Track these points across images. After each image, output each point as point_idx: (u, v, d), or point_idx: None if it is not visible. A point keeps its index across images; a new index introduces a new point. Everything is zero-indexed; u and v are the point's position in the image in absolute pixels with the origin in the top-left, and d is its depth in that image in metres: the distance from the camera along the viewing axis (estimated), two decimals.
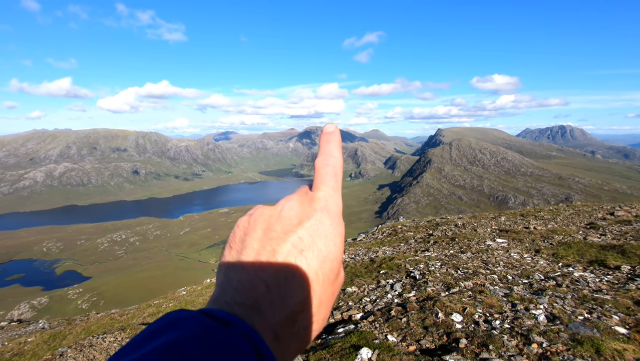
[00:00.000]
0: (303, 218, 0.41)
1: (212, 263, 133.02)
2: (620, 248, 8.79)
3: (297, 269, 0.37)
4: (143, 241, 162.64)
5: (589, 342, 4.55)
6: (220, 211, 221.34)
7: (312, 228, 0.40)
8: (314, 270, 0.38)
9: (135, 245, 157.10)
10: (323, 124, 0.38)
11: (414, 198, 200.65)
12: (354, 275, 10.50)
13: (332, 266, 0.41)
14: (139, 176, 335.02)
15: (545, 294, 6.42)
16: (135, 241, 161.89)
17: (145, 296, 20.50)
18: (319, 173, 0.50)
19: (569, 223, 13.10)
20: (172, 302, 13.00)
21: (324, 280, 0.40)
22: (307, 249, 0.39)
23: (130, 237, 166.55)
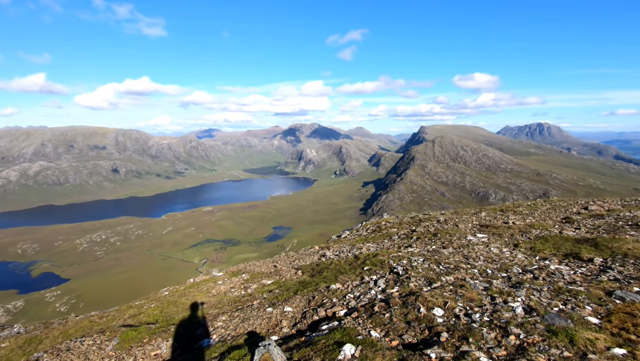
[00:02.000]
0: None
1: (196, 263, 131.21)
2: (593, 241, 9.12)
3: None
4: (124, 241, 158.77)
5: (563, 333, 4.71)
6: (204, 209, 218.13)
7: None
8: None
9: (115, 245, 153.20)
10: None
11: (398, 195, 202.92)
12: (338, 272, 10.54)
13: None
14: (119, 175, 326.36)
15: (522, 287, 6.60)
16: (116, 242, 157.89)
17: (127, 297, 20.00)
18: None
19: (546, 217, 13.51)
20: (154, 303, 12.74)
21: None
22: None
23: (111, 237, 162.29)
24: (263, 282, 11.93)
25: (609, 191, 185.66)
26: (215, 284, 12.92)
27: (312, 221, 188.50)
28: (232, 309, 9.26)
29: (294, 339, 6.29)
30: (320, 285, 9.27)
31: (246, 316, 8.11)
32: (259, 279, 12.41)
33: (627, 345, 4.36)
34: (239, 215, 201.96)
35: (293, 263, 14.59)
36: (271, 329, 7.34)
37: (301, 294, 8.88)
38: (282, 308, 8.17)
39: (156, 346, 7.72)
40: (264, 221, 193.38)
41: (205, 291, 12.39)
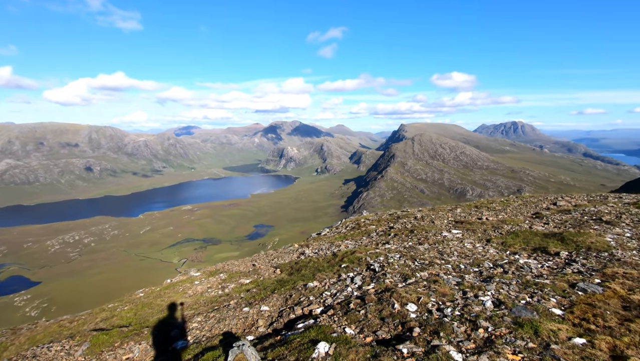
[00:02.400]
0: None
1: (175, 262, 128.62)
2: (560, 235, 9.50)
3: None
4: (99, 242, 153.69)
5: (528, 324, 4.89)
6: (183, 208, 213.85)
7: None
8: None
9: (90, 246, 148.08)
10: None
11: (379, 192, 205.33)
12: (316, 270, 10.56)
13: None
14: (92, 173, 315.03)
15: (493, 281, 6.81)
16: (91, 242, 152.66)
17: (103, 299, 19.42)
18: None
19: (517, 213, 13.98)
20: (127, 305, 12.39)
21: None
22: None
23: (85, 238, 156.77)
24: (241, 281, 11.81)
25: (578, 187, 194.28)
26: (192, 284, 12.70)
27: (293, 219, 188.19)
28: (208, 309, 9.12)
29: (269, 338, 6.26)
30: (298, 283, 9.26)
31: (222, 317, 8.00)
32: (237, 279, 12.28)
33: (586, 335, 4.57)
34: (219, 214, 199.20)
35: (272, 261, 14.52)
36: (247, 329, 7.28)
37: (278, 293, 8.84)
38: (259, 307, 8.11)
39: (128, 349, 7.52)
40: (245, 219, 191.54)
41: (181, 291, 12.15)
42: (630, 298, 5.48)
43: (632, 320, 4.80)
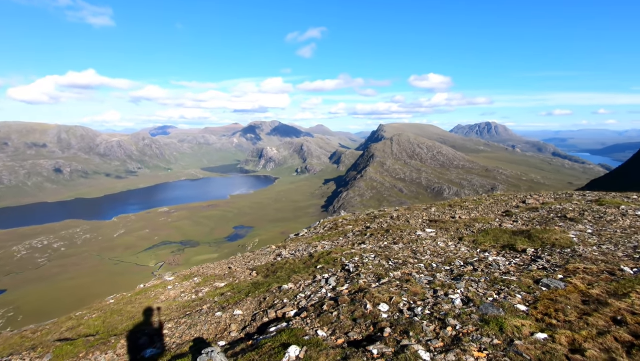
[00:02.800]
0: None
1: (152, 266, 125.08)
2: (527, 232, 9.84)
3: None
4: (70, 246, 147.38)
5: (494, 321, 5.01)
6: (160, 210, 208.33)
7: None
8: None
9: (60, 251, 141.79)
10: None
11: (359, 191, 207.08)
12: (292, 271, 10.49)
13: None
14: (62, 175, 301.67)
15: (462, 279, 6.95)
16: (61, 247, 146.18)
17: (75, 306, 18.53)
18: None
19: (488, 211, 14.39)
20: (96, 312, 11.89)
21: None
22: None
23: (54, 242, 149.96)
24: (216, 285, 11.58)
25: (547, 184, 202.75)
26: (165, 289, 12.35)
27: (273, 220, 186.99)
28: (179, 315, 8.88)
29: (241, 343, 6.14)
30: (273, 286, 9.16)
31: (194, 322, 7.81)
32: (211, 282, 12.03)
33: (548, 330, 4.72)
34: (197, 215, 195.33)
35: (248, 263, 14.33)
36: (219, 334, 7.13)
37: (252, 296, 8.72)
38: (232, 311, 7.96)
39: (93, 360, 7.20)
40: (224, 220, 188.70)
41: (153, 297, 11.79)
42: (589, 293, 5.72)
43: (590, 314, 5.01)
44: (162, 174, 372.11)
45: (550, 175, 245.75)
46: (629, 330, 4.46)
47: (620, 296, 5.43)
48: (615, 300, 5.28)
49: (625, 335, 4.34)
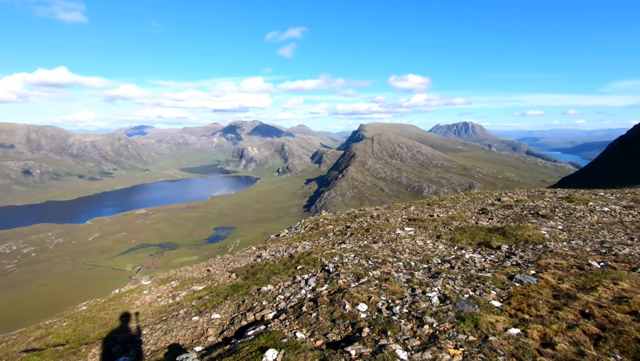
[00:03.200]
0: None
1: (129, 270, 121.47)
2: (502, 229, 10.10)
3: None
4: (41, 252, 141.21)
5: (470, 318, 5.09)
6: (137, 212, 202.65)
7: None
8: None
9: (30, 257, 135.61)
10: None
11: (340, 191, 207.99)
12: (271, 273, 10.38)
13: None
14: (32, 177, 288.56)
15: (440, 277, 7.05)
16: (31, 252, 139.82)
17: (46, 314, 17.63)
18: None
19: (466, 209, 14.70)
20: (67, 320, 11.38)
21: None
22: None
23: (24, 247, 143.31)
24: (194, 288, 11.32)
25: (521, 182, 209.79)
26: (141, 294, 11.97)
27: (255, 220, 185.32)
28: (155, 321, 8.61)
29: (218, 348, 6.00)
30: (252, 288, 9.03)
31: (169, 328, 7.58)
32: (189, 286, 11.75)
33: (521, 325, 4.84)
34: (176, 217, 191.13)
35: (228, 265, 14.09)
36: (196, 339, 6.95)
37: (231, 299, 8.56)
38: (210, 315, 7.79)
39: None
40: (205, 221, 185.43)
41: (128, 302, 11.41)
42: (560, 287, 5.90)
43: (561, 308, 5.17)
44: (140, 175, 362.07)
45: (524, 173, 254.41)
46: (596, 323, 4.62)
47: (588, 290, 5.63)
48: (584, 294, 5.46)
49: (593, 328, 4.49)
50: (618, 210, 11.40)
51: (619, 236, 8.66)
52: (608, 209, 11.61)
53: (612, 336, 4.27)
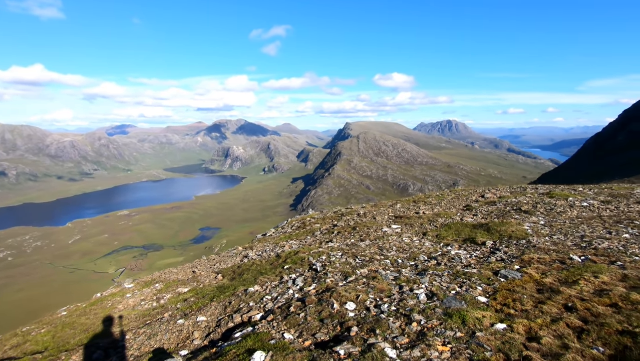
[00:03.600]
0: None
1: (112, 273, 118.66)
2: (486, 225, 10.25)
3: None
4: (18, 255, 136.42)
5: (457, 314, 5.13)
6: (119, 213, 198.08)
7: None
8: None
9: (6, 261, 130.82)
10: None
11: (327, 189, 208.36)
12: (258, 273, 10.26)
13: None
14: (7, 178, 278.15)
15: (427, 274, 7.09)
16: (7, 256, 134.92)
17: (24, 320, 16.96)
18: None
19: (450, 206, 14.89)
20: (45, 327, 10.99)
21: None
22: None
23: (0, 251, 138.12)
24: (179, 290, 11.09)
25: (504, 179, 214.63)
26: (124, 298, 11.66)
27: (241, 220, 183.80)
28: (138, 325, 8.39)
29: (204, 351, 5.87)
30: (239, 289, 8.90)
31: (153, 332, 7.39)
32: (174, 288, 11.51)
33: (507, 320, 4.89)
34: (161, 217, 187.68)
35: (214, 266, 13.88)
36: (181, 343, 6.79)
37: (217, 301, 8.41)
38: (196, 318, 7.63)
39: None
40: (190, 222, 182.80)
41: (110, 307, 11.09)
42: (543, 282, 6.01)
43: (545, 302, 5.26)
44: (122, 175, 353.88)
45: (506, 170, 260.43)
46: (579, 316, 4.72)
47: (570, 283, 5.76)
48: (566, 288, 5.58)
49: (576, 321, 4.58)
50: (596, 205, 11.74)
51: (598, 230, 8.90)
52: (587, 204, 11.94)
53: (595, 328, 4.36)
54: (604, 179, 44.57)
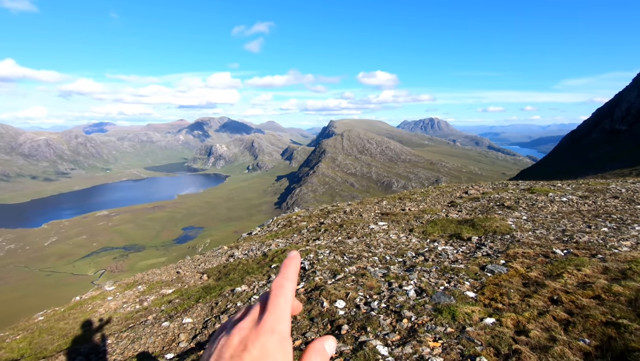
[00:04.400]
0: (247, 343, 0.51)
1: (91, 275, 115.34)
2: (471, 221, 10.41)
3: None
4: None
5: (447, 310, 5.16)
6: (98, 214, 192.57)
7: (255, 350, 0.49)
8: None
9: None
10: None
11: (312, 187, 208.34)
12: (245, 273, 10.11)
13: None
14: None
15: (415, 270, 7.12)
16: None
17: (0, 325, 16.22)
18: (272, 295, 0.58)
19: (435, 202, 15.07)
20: (21, 333, 10.51)
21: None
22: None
23: None
24: (162, 292, 10.82)
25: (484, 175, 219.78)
26: (104, 300, 11.30)
27: (226, 219, 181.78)
28: (121, 328, 8.12)
29: (191, 354, 5.73)
30: (225, 289, 8.74)
31: (137, 335, 7.16)
32: (157, 290, 11.23)
33: (495, 314, 4.95)
34: (142, 217, 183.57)
35: (199, 267, 13.61)
36: (167, 346, 6.60)
37: (203, 302, 8.23)
38: (181, 319, 7.44)
39: None
40: (173, 222, 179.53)
41: (90, 310, 10.72)
42: (528, 275, 6.12)
43: (531, 296, 5.35)
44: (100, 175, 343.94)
45: (486, 167, 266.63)
46: (564, 308, 4.82)
47: (555, 277, 5.88)
48: (551, 281, 5.69)
49: (562, 314, 4.67)
50: (575, 200, 12.09)
51: (578, 225, 9.16)
52: (566, 199, 12.29)
53: (580, 320, 4.46)
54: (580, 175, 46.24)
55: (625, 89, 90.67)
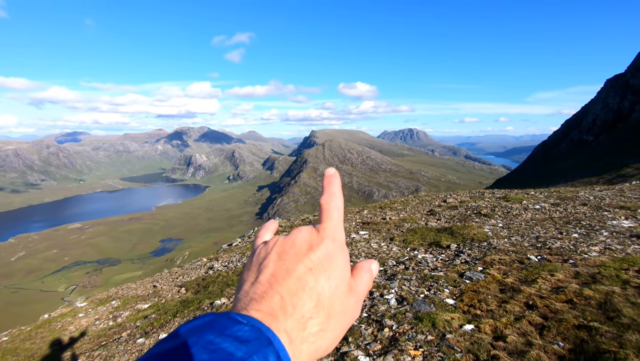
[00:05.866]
0: (312, 244, 0.51)
1: (61, 291, 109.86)
2: (450, 229, 10.61)
3: (306, 284, 0.47)
4: None
5: (427, 318, 5.20)
6: (70, 226, 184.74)
7: (320, 251, 0.50)
8: (321, 285, 0.48)
9: None
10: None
11: (293, 197, 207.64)
12: (225, 285, 9.89)
13: (338, 284, 0.50)
14: None
15: (396, 279, 7.17)
16: None
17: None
18: (325, 209, 0.58)
19: (415, 211, 15.30)
20: None
21: (330, 295, 0.48)
22: (316, 268, 0.49)
23: None
24: (138, 307, 10.42)
25: (462, 184, 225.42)
26: (75, 318, 10.77)
27: (205, 230, 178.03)
28: (93, 347, 7.74)
29: None
30: (204, 302, 8.51)
31: (110, 354, 6.85)
32: (133, 305, 10.81)
33: (474, 320, 5.03)
34: (117, 230, 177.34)
35: (177, 280, 13.22)
36: None
37: (181, 316, 7.98)
38: (157, 335, 7.17)
39: None
40: (150, 234, 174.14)
41: (60, 328, 10.19)
42: (505, 282, 6.27)
43: (508, 301, 5.47)
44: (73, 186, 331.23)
45: (464, 176, 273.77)
46: (539, 313, 4.95)
47: (529, 282, 6.05)
48: (526, 287, 5.85)
49: (537, 318, 4.80)
50: (547, 207, 12.55)
51: (550, 231, 9.50)
52: (539, 206, 12.74)
53: (554, 324, 4.58)
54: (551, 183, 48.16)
55: (591, 102, 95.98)
